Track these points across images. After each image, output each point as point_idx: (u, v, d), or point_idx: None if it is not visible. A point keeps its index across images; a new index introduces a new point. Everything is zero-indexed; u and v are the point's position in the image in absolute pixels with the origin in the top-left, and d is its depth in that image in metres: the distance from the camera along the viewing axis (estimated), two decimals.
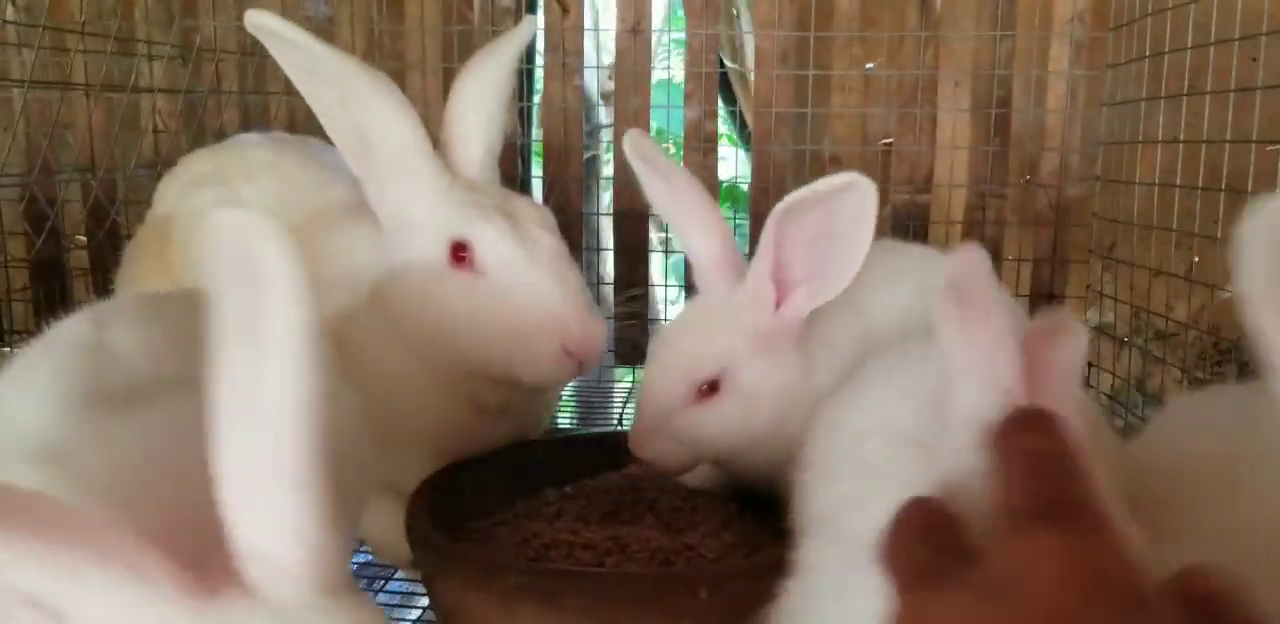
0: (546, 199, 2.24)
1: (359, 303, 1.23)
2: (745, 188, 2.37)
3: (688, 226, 1.19)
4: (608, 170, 2.47)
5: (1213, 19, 1.63)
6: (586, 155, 3.72)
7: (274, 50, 1.17)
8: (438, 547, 1.06)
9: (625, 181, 2.23)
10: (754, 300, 1.11)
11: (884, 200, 2.15)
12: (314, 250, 1.25)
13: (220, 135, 2.01)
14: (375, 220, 1.24)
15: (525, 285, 1.17)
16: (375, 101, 1.18)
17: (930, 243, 2.16)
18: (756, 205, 2.21)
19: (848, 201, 1.03)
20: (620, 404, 2.18)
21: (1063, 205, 2.14)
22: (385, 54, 2.25)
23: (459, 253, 1.19)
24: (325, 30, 2.24)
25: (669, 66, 3.57)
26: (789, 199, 1.03)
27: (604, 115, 2.83)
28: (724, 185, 2.61)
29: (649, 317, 2.32)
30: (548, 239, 1.22)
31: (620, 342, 2.23)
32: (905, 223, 2.17)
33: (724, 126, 2.51)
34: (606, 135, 2.64)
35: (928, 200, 2.17)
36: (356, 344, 1.22)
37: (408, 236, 1.21)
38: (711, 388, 1.13)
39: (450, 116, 1.30)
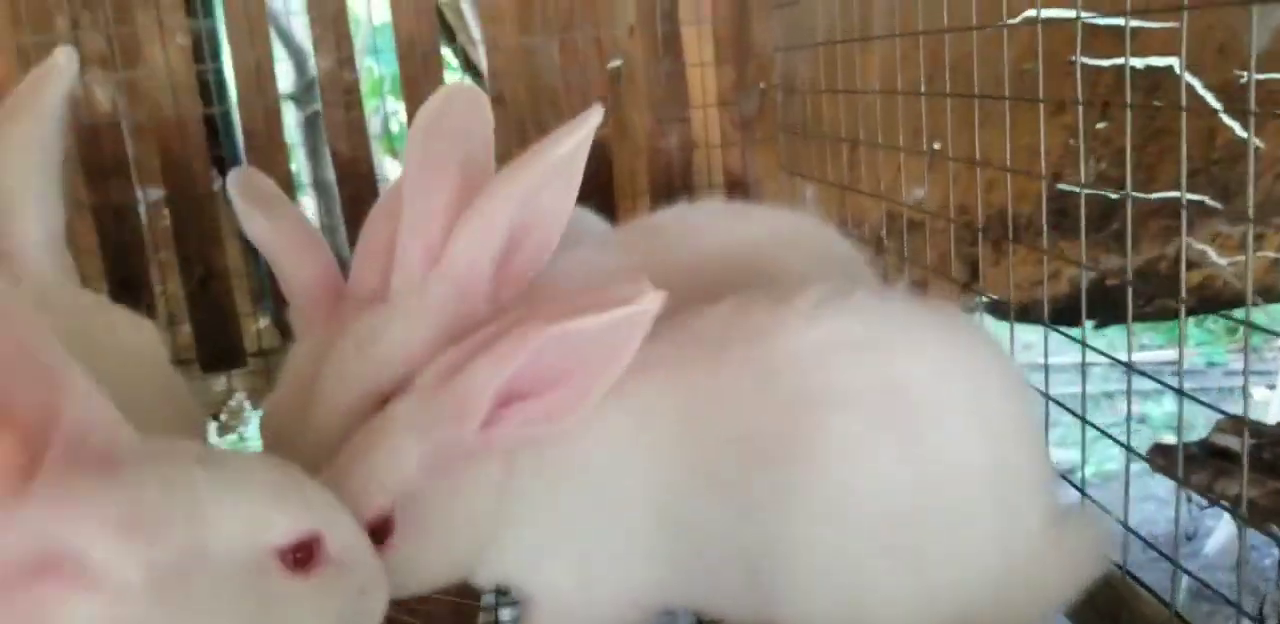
0: (167, 184, 1.89)
1: None
2: None
3: (286, 262, 1.08)
4: None
5: None
6: (306, 112, 3.29)
7: None
8: None
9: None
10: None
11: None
12: None
13: None
14: None
15: None
16: None
17: (616, 180, 1.98)
18: None
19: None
20: None
21: (746, 121, 1.98)
22: None
23: None
24: None
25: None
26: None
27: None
28: None
29: None
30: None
31: None
32: (586, 163, 1.95)
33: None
34: None
35: (606, 134, 1.96)
36: None
37: None
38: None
39: None
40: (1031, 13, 1.20)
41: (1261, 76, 1.36)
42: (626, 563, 0.90)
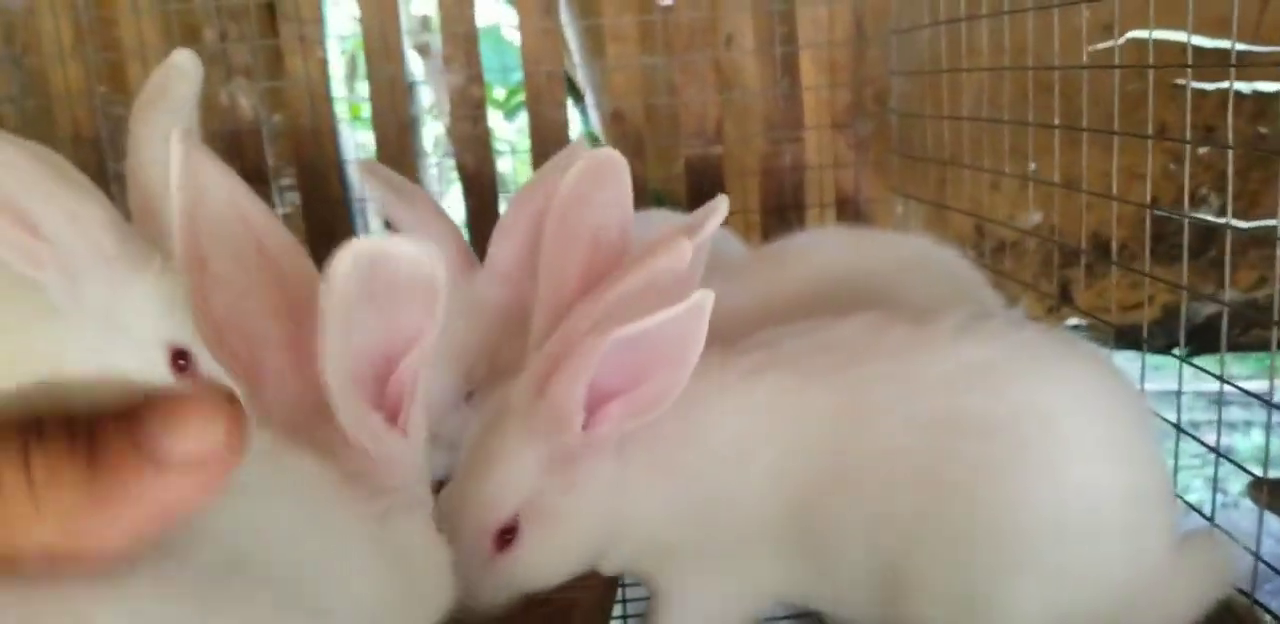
0: (303, 189, 2.00)
1: None
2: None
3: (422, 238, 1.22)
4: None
5: None
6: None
7: None
8: None
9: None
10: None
11: (673, 156, 2.01)
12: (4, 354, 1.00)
13: None
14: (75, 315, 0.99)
15: None
16: (37, 181, 0.93)
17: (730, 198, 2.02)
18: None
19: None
20: None
21: (861, 143, 2.01)
22: (98, 44, 1.99)
23: (179, 361, 0.99)
24: (25, 23, 1.98)
25: None
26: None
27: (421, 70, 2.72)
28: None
29: None
30: None
31: None
32: (699, 179, 2.01)
33: None
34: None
35: (720, 152, 2.02)
36: None
37: (120, 341, 0.99)
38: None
39: (141, 183, 1.09)
40: (1136, 34, 1.21)
41: None
42: (741, 560, 0.95)
